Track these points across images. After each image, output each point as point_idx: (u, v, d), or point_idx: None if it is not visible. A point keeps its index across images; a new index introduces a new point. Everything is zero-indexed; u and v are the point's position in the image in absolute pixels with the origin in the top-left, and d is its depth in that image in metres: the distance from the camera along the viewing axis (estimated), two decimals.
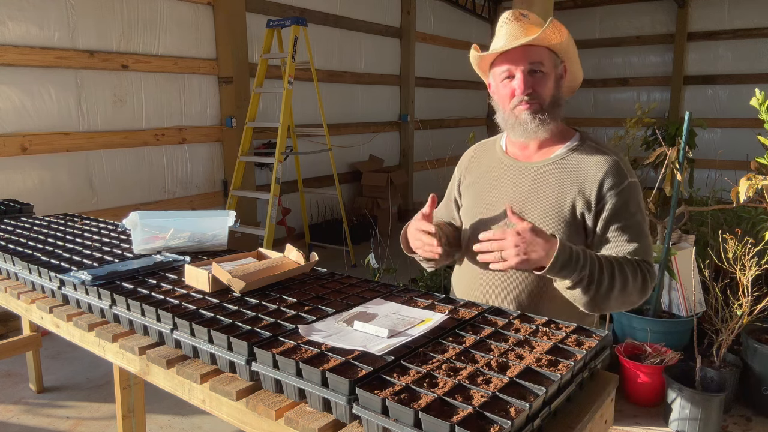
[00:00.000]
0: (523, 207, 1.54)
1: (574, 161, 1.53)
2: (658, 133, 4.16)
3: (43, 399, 3.18)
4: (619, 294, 1.41)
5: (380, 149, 7.75)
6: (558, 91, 1.53)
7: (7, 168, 3.93)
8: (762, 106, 2.44)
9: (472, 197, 1.69)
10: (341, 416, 1.06)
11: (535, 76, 1.48)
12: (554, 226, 1.50)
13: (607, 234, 1.49)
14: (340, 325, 1.32)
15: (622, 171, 1.50)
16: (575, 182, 1.51)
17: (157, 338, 1.42)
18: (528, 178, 1.57)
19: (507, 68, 1.49)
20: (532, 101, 1.48)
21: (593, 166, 1.51)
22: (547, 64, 1.48)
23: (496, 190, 1.62)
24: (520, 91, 1.48)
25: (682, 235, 3.41)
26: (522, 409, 0.95)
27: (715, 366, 2.78)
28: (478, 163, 1.73)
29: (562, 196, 1.51)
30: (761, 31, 8.13)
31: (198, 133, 5.24)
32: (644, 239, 1.50)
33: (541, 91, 1.49)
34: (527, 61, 1.46)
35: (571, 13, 9.54)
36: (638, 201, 1.52)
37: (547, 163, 1.56)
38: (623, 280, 1.41)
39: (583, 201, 1.49)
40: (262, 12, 5.65)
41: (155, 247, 2.00)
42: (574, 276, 1.37)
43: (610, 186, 1.48)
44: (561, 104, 1.54)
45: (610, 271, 1.40)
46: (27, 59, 3.94)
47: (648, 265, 1.48)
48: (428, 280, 3.94)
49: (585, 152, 1.54)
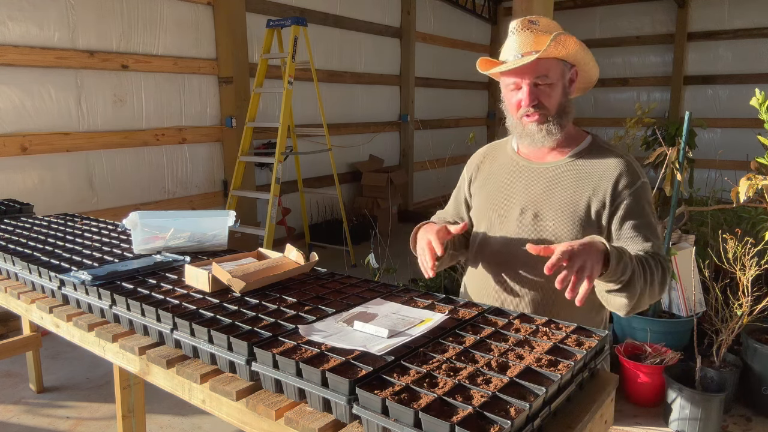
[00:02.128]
0: (538, 208, 1.55)
1: (588, 162, 1.56)
2: (658, 133, 4.16)
3: (43, 399, 3.18)
4: (650, 289, 1.41)
5: (380, 149, 7.75)
6: (566, 98, 1.54)
7: (7, 168, 3.93)
8: (762, 106, 2.44)
9: (484, 198, 1.69)
10: (341, 416, 1.06)
11: (541, 88, 1.50)
12: (570, 226, 1.51)
13: (624, 232, 1.51)
14: (340, 325, 1.32)
15: (635, 171, 1.53)
16: (590, 183, 1.53)
17: (157, 338, 1.42)
18: (542, 180, 1.58)
19: (514, 80, 1.52)
20: (538, 112, 1.50)
21: (607, 167, 1.53)
22: (553, 75, 1.50)
23: (509, 191, 1.62)
24: (525, 104, 1.50)
25: (682, 235, 3.41)
26: (522, 409, 0.95)
27: (715, 366, 2.78)
28: (490, 164, 1.73)
29: (576, 197, 1.53)
30: (761, 31, 8.13)
31: (198, 133, 5.24)
32: (658, 236, 1.53)
33: (547, 102, 1.51)
34: (532, 74, 1.48)
35: (571, 13, 9.54)
36: (650, 200, 1.55)
37: (560, 164, 1.58)
38: (652, 276, 1.42)
39: (598, 201, 1.51)
40: (262, 12, 5.65)
41: (155, 247, 2.00)
42: (627, 272, 1.34)
43: (625, 185, 1.50)
44: (569, 110, 1.55)
45: (642, 266, 1.40)
46: (27, 59, 3.94)
47: (664, 259, 1.50)
48: (428, 280, 3.94)
49: (597, 154, 1.57)
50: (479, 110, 10.22)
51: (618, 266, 1.32)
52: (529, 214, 1.57)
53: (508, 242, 1.59)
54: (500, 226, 1.62)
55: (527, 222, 1.57)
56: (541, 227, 1.55)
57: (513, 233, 1.58)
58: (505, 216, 1.61)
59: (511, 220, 1.59)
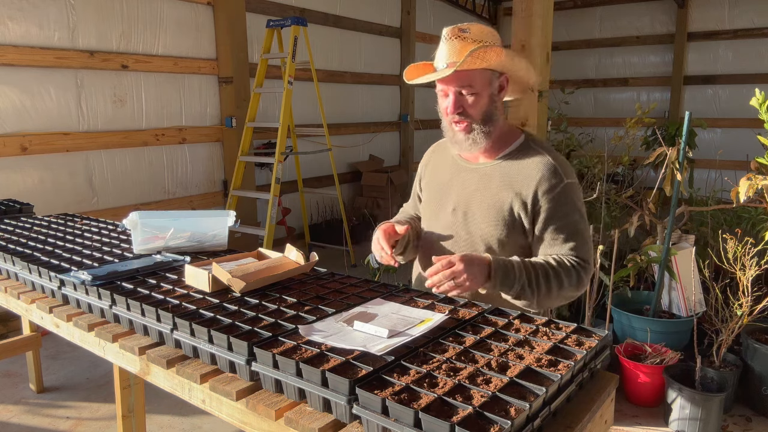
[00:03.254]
0: (469, 206, 1.64)
1: (514, 164, 1.62)
2: (658, 133, 4.16)
3: (43, 399, 3.18)
4: (557, 294, 1.54)
5: (380, 149, 7.75)
6: (493, 105, 1.60)
7: (7, 168, 3.93)
8: (762, 106, 2.44)
9: (428, 196, 1.80)
10: (341, 416, 1.06)
11: (466, 97, 1.56)
12: (495, 225, 1.60)
13: (545, 235, 1.59)
14: (340, 325, 1.32)
15: (558, 173, 1.58)
16: (513, 185, 1.60)
17: (157, 338, 1.42)
18: (474, 179, 1.67)
19: (441, 88, 1.60)
20: (463, 120, 1.58)
21: (530, 170, 1.59)
22: (477, 85, 1.55)
23: (446, 189, 1.72)
24: (450, 111, 1.58)
25: (682, 235, 3.41)
26: (522, 409, 0.95)
27: (715, 366, 2.78)
28: (435, 163, 1.83)
29: (501, 198, 1.60)
30: (761, 31, 8.13)
31: (198, 133, 5.24)
32: (579, 237, 1.59)
33: (472, 111, 1.57)
34: (456, 84, 1.55)
35: (571, 13, 9.54)
36: (574, 201, 1.60)
37: (489, 165, 1.66)
38: (559, 282, 1.52)
39: (519, 204, 1.58)
40: (262, 12, 5.65)
41: (155, 247, 2.00)
42: (515, 287, 1.50)
43: (545, 190, 1.57)
44: (495, 117, 1.61)
45: (545, 276, 1.51)
46: (27, 59, 3.94)
47: (583, 262, 1.58)
48: None
49: (524, 155, 1.63)
50: None
51: (503, 283, 1.48)
52: (460, 213, 1.66)
53: (441, 238, 1.69)
54: (436, 222, 1.73)
55: (458, 220, 1.66)
56: (470, 225, 1.64)
57: (445, 230, 1.69)
58: (440, 213, 1.72)
59: (444, 217, 1.70)
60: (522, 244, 1.63)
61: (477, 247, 1.63)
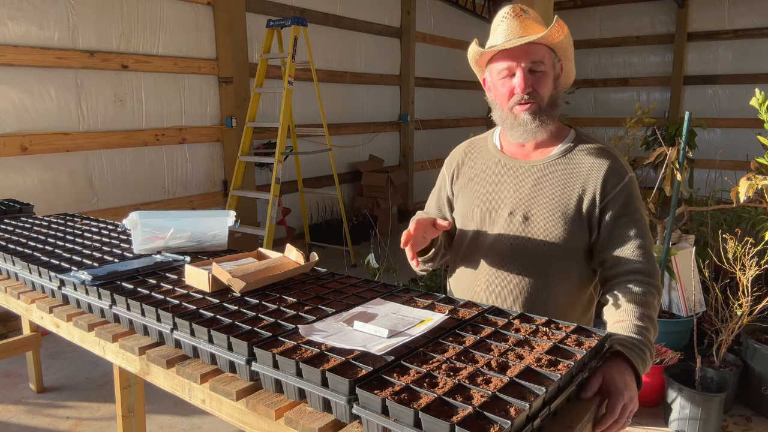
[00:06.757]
0: (528, 209, 1.51)
1: (575, 159, 1.52)
2: (658, 133, 4.16)
3: (43, 399, 3.18)
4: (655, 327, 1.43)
5: (380, 149, 7.75)
6: (556, 90, 1.51)
7: (7, 168, 3.93)
8: (762, 106, 2.44)
9: (469, 198, 1.64)
10: (341, 416, 1.06)
11: (536, 75, 1.45)
12: (560, 225, 1.49)
13: (614, 230, 1.48)
14: (340, 325, 1.32)
15: (623, 167, 1.51)
16: (578, 180, 1.50)
17: (157, 338, 1.42)
18: (530, 178, 1.54)
19: (507, 65, 1.46)
20: (532, 101, 1.45)
21: (594, 164, 1.50)
22: (547, 63, 1.46)
23: (497, 190, 1.58)
24: (520, 90, 1.44)
25: (682, 235, 3.41)
26: (522, 409, 0.95)
27: (715, 366, 2.78)
28: (473, 162, 1.67)
29: (566, 195, 1.49)
30: (761, 31, 8.13)
31: (198, 133, 5.24)
32: (648, 232, 1.51)
33: (541, 90, 1.46)
34: (529, 59, 1.43)
35: (571, 13, 9.54)
36: (638, 195, 1.53)
37: (547, 162, 1.54)
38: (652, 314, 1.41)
39: (588, 198, 1.48)
40: (262, 12, 5.65)
41: (155, 247, 2.00)
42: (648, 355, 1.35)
43: (614, 183, 1.48)
44: (559, 104, 1.52)
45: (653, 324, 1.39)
46: (27, 59, 3.94)
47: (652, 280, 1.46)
48: (428, 280, 3.94)
49: (584, 150, 1.53)
50: (479, 110, 10.21)
51: (645, 366, 1.31)
52: (519, 216, 1.52)
53: (498, 245, 1.55)
54: (489, 227, 1.57)
55: (517, 223, 1.52)
56: (532, 228, 1.51)
57: (502, 236, 1.54)
58: (494, 218, 1.56)
59: (500, 222, 1.55)
60: (584, 245, 1.51)
61: (540, 253, 1.50)
